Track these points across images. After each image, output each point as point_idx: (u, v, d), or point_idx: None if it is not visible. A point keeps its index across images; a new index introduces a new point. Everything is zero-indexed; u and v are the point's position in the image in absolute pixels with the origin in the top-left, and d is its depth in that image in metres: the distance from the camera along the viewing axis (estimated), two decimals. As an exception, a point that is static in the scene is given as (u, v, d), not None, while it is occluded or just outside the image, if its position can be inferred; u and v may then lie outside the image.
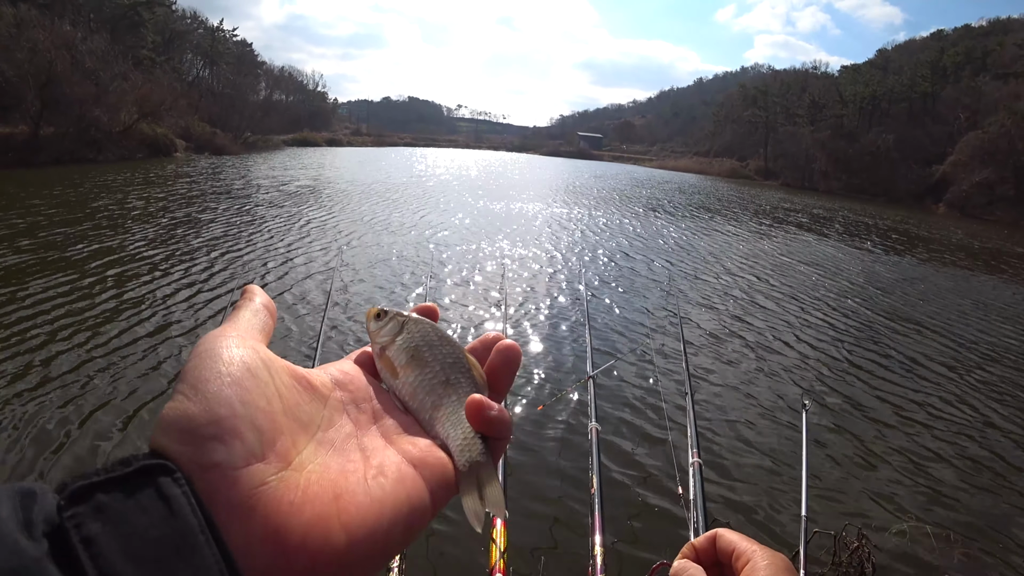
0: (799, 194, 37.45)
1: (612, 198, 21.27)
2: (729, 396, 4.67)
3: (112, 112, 20.24)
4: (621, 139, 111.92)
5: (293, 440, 0.28)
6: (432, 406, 0.37)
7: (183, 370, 0.28)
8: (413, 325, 0.40)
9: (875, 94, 49.33)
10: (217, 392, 0.26)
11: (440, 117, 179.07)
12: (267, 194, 14.27)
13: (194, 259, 7.24)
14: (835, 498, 3.43)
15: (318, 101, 71.25)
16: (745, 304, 7.54)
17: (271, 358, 0.31)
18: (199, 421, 0.25)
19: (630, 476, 3.42)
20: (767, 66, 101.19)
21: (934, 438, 4.32)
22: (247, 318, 0.34)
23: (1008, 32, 53.78)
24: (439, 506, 0.31)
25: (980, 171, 34.49)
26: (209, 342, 0.29)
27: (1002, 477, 3.88)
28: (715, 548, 0.62)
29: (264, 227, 9.78)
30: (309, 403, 0.32)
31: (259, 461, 0.26)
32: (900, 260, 13.41)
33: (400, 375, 0.38)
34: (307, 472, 0.27)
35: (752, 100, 59.11)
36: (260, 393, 0.28)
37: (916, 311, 8.23)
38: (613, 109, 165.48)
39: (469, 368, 0.38)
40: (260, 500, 0.25)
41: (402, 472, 0.31)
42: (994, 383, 5.60)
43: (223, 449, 0.25)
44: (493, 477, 0.34)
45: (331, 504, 0.27)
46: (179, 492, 0.23)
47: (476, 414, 0.35)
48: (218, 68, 44.95)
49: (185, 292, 5.97)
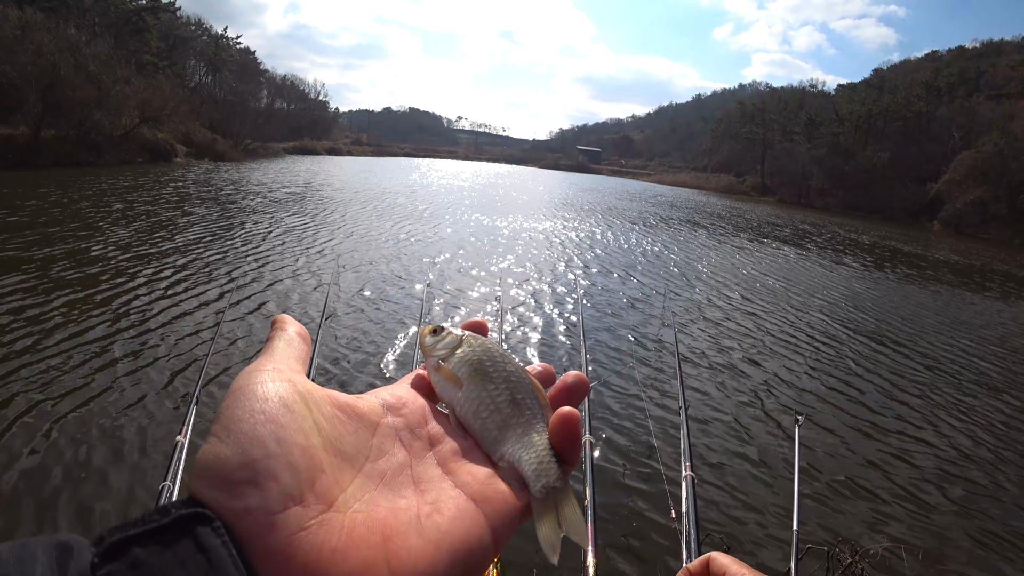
0: (797, 210, 37.71)
1: (608, 213, 21.38)
2: (722, 410, 4.67)
3: (113, 116, 20.30)
4: (620, 153, 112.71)
5: (336, 477, 0.27)
6: (499, 426, 0.34)
7: (218, 410, 0.27)
8: (473, 339, 0.38)
9: (871, 112, 49.92)
10: (251, 432, 0.25)
11: (440, 128, 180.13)
12: (264, 201, 14.29)
13: (189, 264, 7.23)
14: (828, 513, 3.42)
15: (319, 110, 71.64)
16: (740, 320, 7.56)
17: (310, 389, 0.29)
18: (232, 464, 0.24)
19: (623, 489, 3.41)
20: (765, 84, 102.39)
21: (928, 455, 4.32)
22: (282, 348, 0.32)
23: (1001, 54, 54.69)
24: (501, 545, 0.29)
25: (974, 190, 34.84)
26: (244, 379, 0.28)
27: (995, 495, 3.87)
28: (709, 572, 0.62)
29: (260, 235, 9.78)
30: (354, 433, 0.30)
31: (297, 504, 0.24)
32: (893, 279, 13.49)
33: (462, 389, 0.35)
34: (352, 513, 0.26)
35: (750, 117, 59.72)
36: (297, 428, 0.26)
37: (907, 329, 8.27)
38: (612, 124, 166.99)
39: (533, 388, 0.36)
40: (300, 547, 0.23)
41: (460, 509, 0.28)
42: (987, 401, 5.61)
43: (258, 493, 0.23)
44: (572, 502, 0.32)
45: (379, 548, 0.25)
46: (218, 543, 0.22)
47: (565, 431, 0.32)
48: (221, 75, 45.18)
49: (178, 298, 5.95)
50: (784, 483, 3.60)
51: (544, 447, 0.32)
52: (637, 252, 12.24)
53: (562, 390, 0.36)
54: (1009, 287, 14.32)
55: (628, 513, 3.19)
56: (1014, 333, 8.88)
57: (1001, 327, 9.25)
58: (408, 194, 19.91)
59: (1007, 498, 3.84)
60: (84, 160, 18.08)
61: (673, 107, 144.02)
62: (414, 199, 18.34)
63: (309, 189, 18.28)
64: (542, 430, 0.33)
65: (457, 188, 25.56)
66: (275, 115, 53.00)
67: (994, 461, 4.35)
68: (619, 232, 15.20)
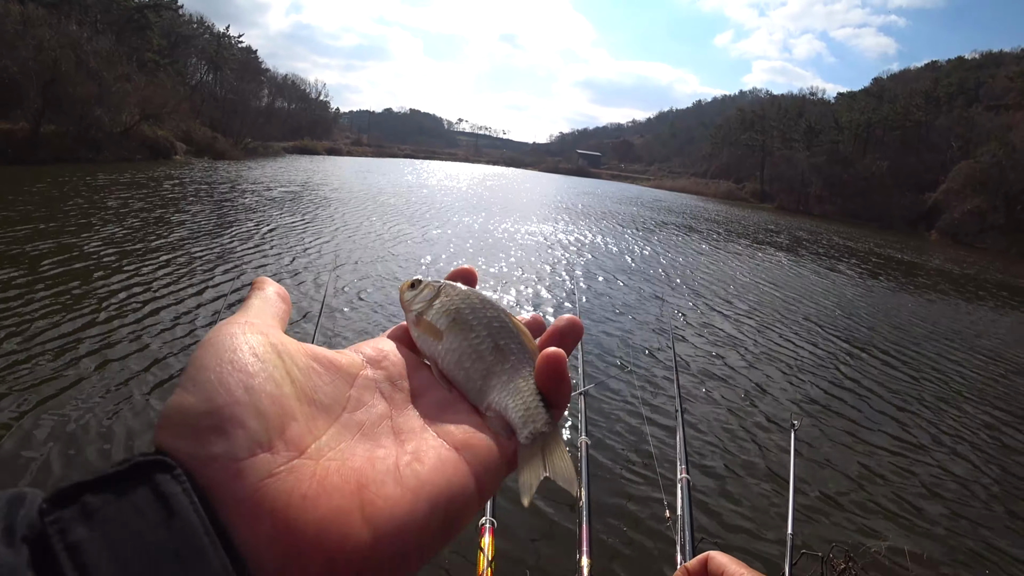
0: (795, 217, 37.82)
1: (606, 217, 21.41)
2: (719, 414, 4.66)
3: (114, 113, 20.29)
4: (619, 158, 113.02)
5: (309, 426, 0.25)
6: (482, 375, 0.33)
7: (188, 361, 0.26)
8: (450, 288, 0.37)
9: (870, 121, 50.18)
10: (217, 380, 0.24)
11: (440, 130, 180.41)
12: (261, 200, 14.28)
13: (182, 261, 7.21)
14: (822, 518, 3.42)
15: (320, 110, 71.75)
16: (736, 325, 7.57)
17: (284, 341, 0.28)
18: (197, 412, 0.23)
19: (619, 490, 3.40)
20: (765, 91, 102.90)
21: (922, 460, 4.33)
22: (257, 305, 0.31)
23: (1000, 65, 55.04)
24: (486, 495, 0.28)
25: (971, 199, 35.05)
26: (214, 332, 0.27)
27: (990, 502, 3.87)
28: (707, 571, 0.62)
29: (259, 233, 9.76)
30: (331, 384, 0.29)
31: (266, 451, 0.23)
32: (889, 286, 13.53)
33: (442, 340, 0.34)
34: (325, 460, 0.25)
35: (750, 124, 59.96)
36: (267, 377, 0.25)
37: (903, 337, 8.28)
38: (612, 128, 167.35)
39: (518, 333, 0.35)
40: (267, 494, 0.22)
41: (442, 457, 0.27)
42: (982, 407, 5.62)
43: (223, 441, 0.22)
44: (561, 448, 0.31)
45: (353, 496, 0.23)
46: (178, 490, 0.21)
47: (551, 371, 0.31)
48: (222, 73, 45.21)
49: (169, 296, 5.93)
50: (779, 487, 3.60)
51: (531, 392, 0.32)
52: (633, 256, 12.26)
53: (553, 334, 0.35)
54: (1003, 296, 14.38)
55: (623, 515, 3.18)
56: (1007, 343, 8.91)
57: (996, 338, 9.27)
58: (406, 195, 19.91)
59: (1001, 507, 3.84)
60: (83, 156, 18.05)
61: (673, 112, 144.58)
62: (411, 200, 18.34)
63: (307, 188, 18.27)
64: (528, 375, 0.32)
65: (455, 190, 25.58)
66: (276, 114, 53.05)
67: (988, 468, 4.35)
68: (616, 236, 15.22)
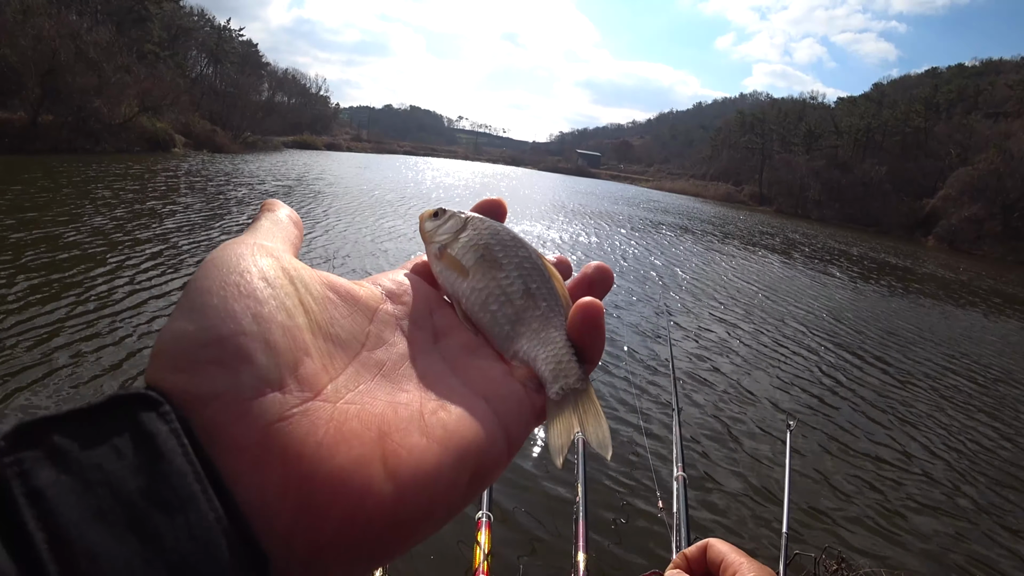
0: (793, 221, 37.94)
1: (604, 217, 21.43)
2: (715, 413, 4.68)
3: (112, 104, 20.19)
4: (619, 158, 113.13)
5: (324, 363, 0.23)
6: (511, 320, 0.30)
7: (186, 284, 0.22)
8: (478, 222, 0.34)
9: (870, 126, 50.34)
10: (221, 306, 0.21)
11: (440, 127, 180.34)
12: (262, 193, 14.24)
13: (166, 253, 7.19)
14: (817, 518, 3.43)
15: (320, 105, 71.56)
16: (732, 325, 7.59)
17: (298, 266, 0.25)
18: (195, 341, 0.20)
19: (615, 487, 3.41)
20: (765, 94, 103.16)
21: (916, 463, 4.35)
22: (268, 227, 0.28)
23: (1000, 73, 55.36)
24: (514, 450, 0.26)
25: (969, 206, 35.20)
26: (220, 251, 0.24)
27: (981, 506, 3.90)
28: (706, 558, 0.63)
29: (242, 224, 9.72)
30: (348, 317, 0.26)
31: (276, 390, 0.20)
32: (882, 291, 13.59)
33: (468, 278, 0.31)
34: (344, 404, 0.22)
35: (750, 127, 60.13)
36: (279, 305, 0.22)
37: (896, 339, 8.32)
38: (612, 128, 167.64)
39: (550, 277, 0.32)
40: (277, 439, 0.19)
41: (470, 406, 0.25)
42: (978, 411, 5.66)
43: (226, 376, 0.19)
44: (596, 406, 0.29)
45: (374, 444, 0.21)
46: (165, 429, 0.18)
47: (588, 322, 0.29)
48: (222, 67, 45.07)
49: (153, 288, 5.91)
50: (774, 487, 3.61)
51: (563, 344, 0.29)
52: (631, 255, 12.27)
53: (583, 282, 0.32)
54: (996, 302, 14.45)
55: (620, 512, 3.19)
56: (1000, 349, 8.96)
57: (988, 345, 9.32)
58: (402, 191, 19.88)
59: (993, 512, 3.87)
60: (81, 147, 17.96)
61: (673, 114, 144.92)
62: (408, 196, 18.32)
63: (303, 183, 18.23)
64: (560, 325, 0.30)
65: (453, 186, 25.56)
66: (275, 109, 52.85)
67: (979, 473, 4.38)
68: (613, 235, 15.24)
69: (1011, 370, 7.62)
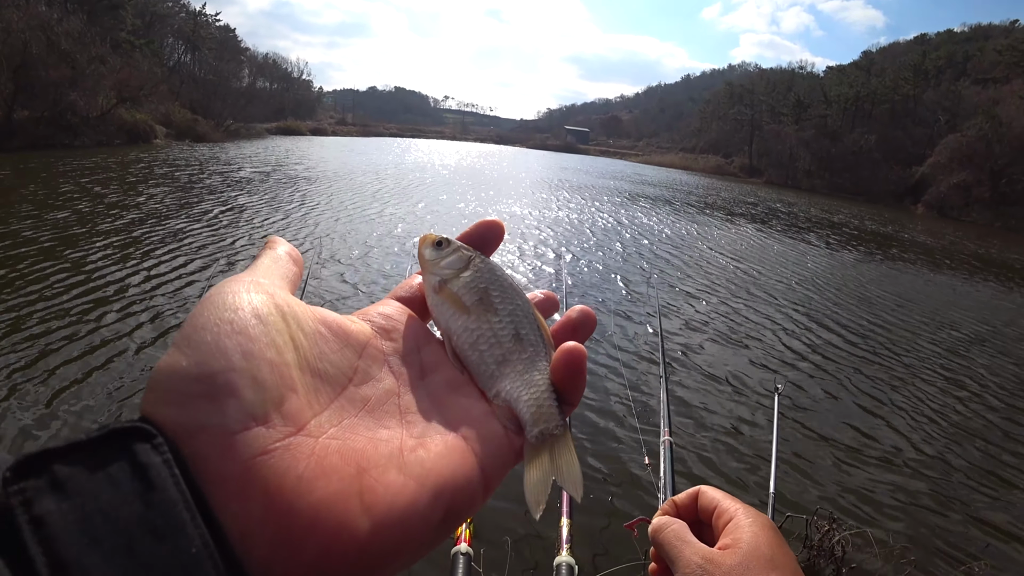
0: (782, 191, 37.91)
1: (592, 191, 21.33)
2: (702, 378, 4.76)
3: (89, 96, 19.69)
4: (608, 134, 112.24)
5: (310, 399, 0.24)
6: (498, 361, 0.31)
7: (184, 320, 0.24)
8: (481, 263, 0.35)
9: (859, 95, 50.10)
10: (214, 342, 0.22)
11: (427, 108, 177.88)
12: (246, 181, 14.04)
13: (169, 247, 7.11)
14: (804, 481, 3.52)
15: (303, 89, 70.21)
16: (720, 293, 7.65)
17: (292, 302, 0.26)
18: (188, 377, 0.21)
19: (602, 452, 3.47)
20: (754, 65, 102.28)
21: (902, 425, 4.45)
22: (267, 264, 0.29)
23: (988, 38, 54.97)
24: (490, 489, 0.27)
25: (958, 173, 35.31)
26: (216, 288, 0.25)
27: (969, 469, 4.00)
28: (696, 505, 0.60)
29: (238, 216, 9.63)
30: (338, 352, 0.27)
31: (261, 424, 0.21)
32: (875, 259, 13.70)
33: (464, 317, 0.32)
34: (326, 439, 0.23)
35: (738, 98, 59.71)
36: (268, 342, 0.23)
37: (887, 305, 8.43)
38: (600, 104, 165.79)
39: (538, 324, 0.33)
40: (259, 472, 0.20)
41: (449, 445, 0.26)
42: (965, 373, 5.77)
43: (215, 410, 0.20)
44: (571, 452, 0.29)
45: (353, 480, 0.22)
46: (158, 460, 0.19)
47: (570, 367, 0.29)
48: (200, 53, 43.96)
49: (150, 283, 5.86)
50: (762, 449, 3.68)
51: (545, 387, 0.30)
52: (618, 225, 12.26)
53: (567, 325, 0.33)
54: (976, 265, 14.64)
55: (606, 476, 3.25)
56: (989, 312, 9.11)
57: (968, 311, 9.47)
58: (395, 174, 19.66)
59: (984, 467, 3.98)
60: (60, 142, 17.55)
61: (662, 87, 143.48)
62: (400, 180, 18.12)
63: (287, 168, 17.98)
64: (544, 369, 0.31)
65: (444, 166, 25.30)
66: (257, 95, 51.77)
67: (967, 429, 4.49)
68: (602, 207, 15.19)
69: (991, 335, 7.75)
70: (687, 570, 0.54)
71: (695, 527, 0.58)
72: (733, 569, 0.51)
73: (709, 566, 0.52)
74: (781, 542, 0.54)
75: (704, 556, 0.54)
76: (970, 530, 3.27)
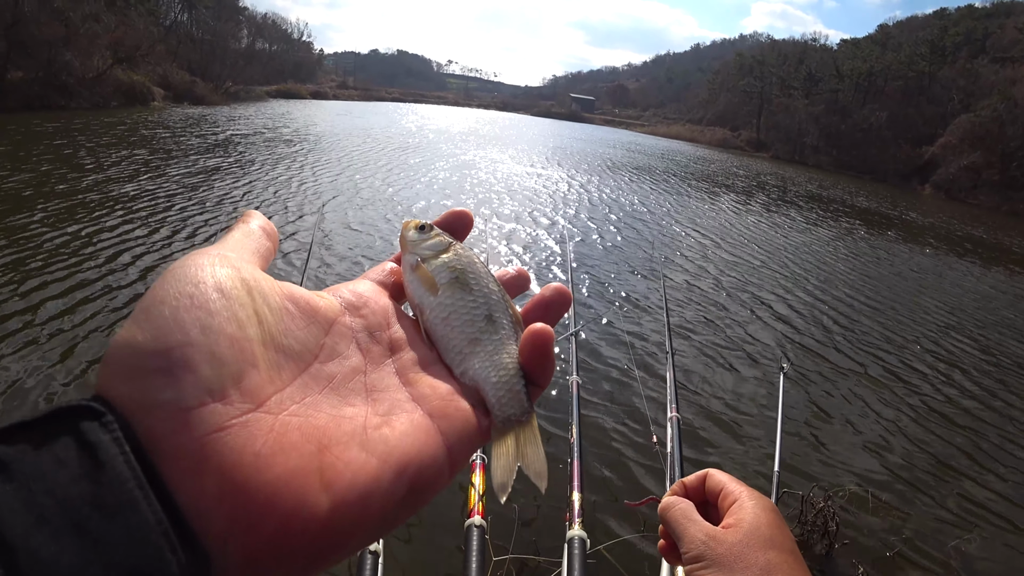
0: (787, 167, 37.35)
1: (595, 165, 21.05)
2: (709, 356, 4.80)
3: (84, 56, 19.21)
4: (614, 103, 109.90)
5: (271, 375, 0.23)
6: (468, 340, 0.31)
7: (144, 294, 0.23)
8: (460, 250, 0.35)
9: (872, 70, 48.83)
10: (172, 316, 0.21)
11: (429, 72, 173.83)
12: (248, 145, 13.83)
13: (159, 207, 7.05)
14: (809, 458, 3.59)
15: (303, 52, 68.46)
16: (727, 271, 7.63)
17: (259, 278, 0.25)
18: (144, 351, 0.20)
19: (610, 428, 3.53)
20: (766, 35, 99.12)
21: (906, 406, 4.50)
22: (237, 238, 0.28)
23: (1010, 15, 53.09)
24: (457, 466, 0.26)
25: (969, 154, 34.67)
26: (181, 261, 0.24)
27: (969, 450, 4.06)
28: (704, 487, 0.64)
29: (240, 180, 9.51)
30: (304, 329, 0.26)
31: (217, 400, 0.20)
32: (883, 242, 13.62)
33: (438, 294, 0.32)
34: (286, 415, 0.22)
35: (748, 69, 58.22)
36: (230, 317, 0.22)
37: (894, 286, 8.43)
38: (607, 71, 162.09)
39: (512, 312, 0.33)
40: (215, 449, 0.20)
41: (415, 423, 0.25)
42: (967, 359, 5.81)
43: (170, 385, 0.20)
44: (535, 436, 0.29)
45: (312, 457, 0.21)
46: (107, 438, 0.18)
47: (537, 348, 0.29)
48: (197, 12, 42.64)
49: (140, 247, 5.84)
50: (768, 428, 3.74)
51: (514, 371, 0.30)
52: (626, 201, 12.16)
53: (539, 304, 0.33)
54: (981, 251, 14.57)
55: (615, 453, 3.31)
56: (981, 303, 9.11)
57: (970, 292, 9.46)
58: (400, 141, 19.36)
59: (984, 446, 4.05)
60: (55, 103, 17.19)
61: (671, 56, 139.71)
62: (406, 146, 17.86)
63: (292, 132, 17.70)
64: (514, 352, 0.31)
65: (440, 132, 24.87)
66: (256, 57, 50.44)
67: (966, 414, 4.55)
68: (608, 182, 15.02)
69: (990, 317, 7.78)
70: (691, 546, 0.58)
71: (702, 508, 0.62)
72: (734, 546, 0.55)
73: (712, 542, 0.56)
74: (781, 524, 0.58)
75: (707, 533, 0.58)
76: (964, 505, 3.35)
